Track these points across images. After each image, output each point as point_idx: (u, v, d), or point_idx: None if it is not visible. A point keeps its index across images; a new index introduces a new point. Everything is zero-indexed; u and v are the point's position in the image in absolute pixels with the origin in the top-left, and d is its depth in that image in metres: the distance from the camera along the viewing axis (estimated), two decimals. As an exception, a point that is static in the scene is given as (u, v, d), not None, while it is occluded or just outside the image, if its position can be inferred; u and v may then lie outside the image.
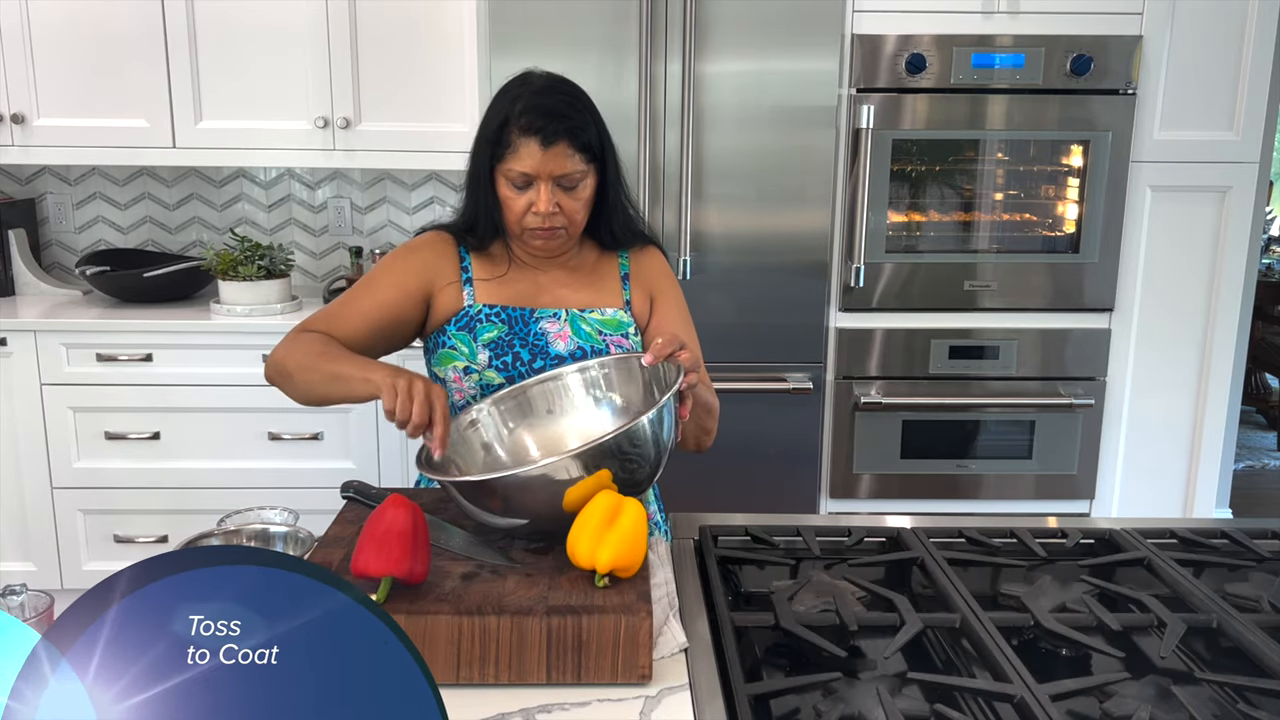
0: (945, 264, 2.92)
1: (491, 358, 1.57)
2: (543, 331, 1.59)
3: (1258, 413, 5.48)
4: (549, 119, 1.49)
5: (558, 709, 1.07)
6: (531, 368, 1.57)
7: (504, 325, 1.59)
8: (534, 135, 1.49)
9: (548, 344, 1.58)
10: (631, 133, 2.76)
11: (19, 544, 3.02)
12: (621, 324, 1.63)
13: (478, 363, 1.57)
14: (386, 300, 1.60)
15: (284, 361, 1.52)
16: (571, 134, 1.50)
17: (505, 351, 1.57)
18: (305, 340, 1.53)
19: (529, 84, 1.54)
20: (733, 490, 2.91)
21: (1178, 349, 3.02)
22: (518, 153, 1.50)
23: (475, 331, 1.58)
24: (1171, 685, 1.10)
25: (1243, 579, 1.39)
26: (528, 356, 1.57)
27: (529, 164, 1.49)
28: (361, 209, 3.47)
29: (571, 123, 1.50)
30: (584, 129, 1.52)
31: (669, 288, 1.71)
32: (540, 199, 1.51)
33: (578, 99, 1.55)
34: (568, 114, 1.50)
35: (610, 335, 1.60)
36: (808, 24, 2.75)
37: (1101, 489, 3.08)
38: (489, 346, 1.57)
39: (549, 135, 1.48)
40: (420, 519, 1.17)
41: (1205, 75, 2.85)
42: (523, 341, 1.58)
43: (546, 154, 1.49)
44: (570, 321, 1.60)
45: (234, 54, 3.01)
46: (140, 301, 3.15)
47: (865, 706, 1.03)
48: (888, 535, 1.49)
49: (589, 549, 1.17)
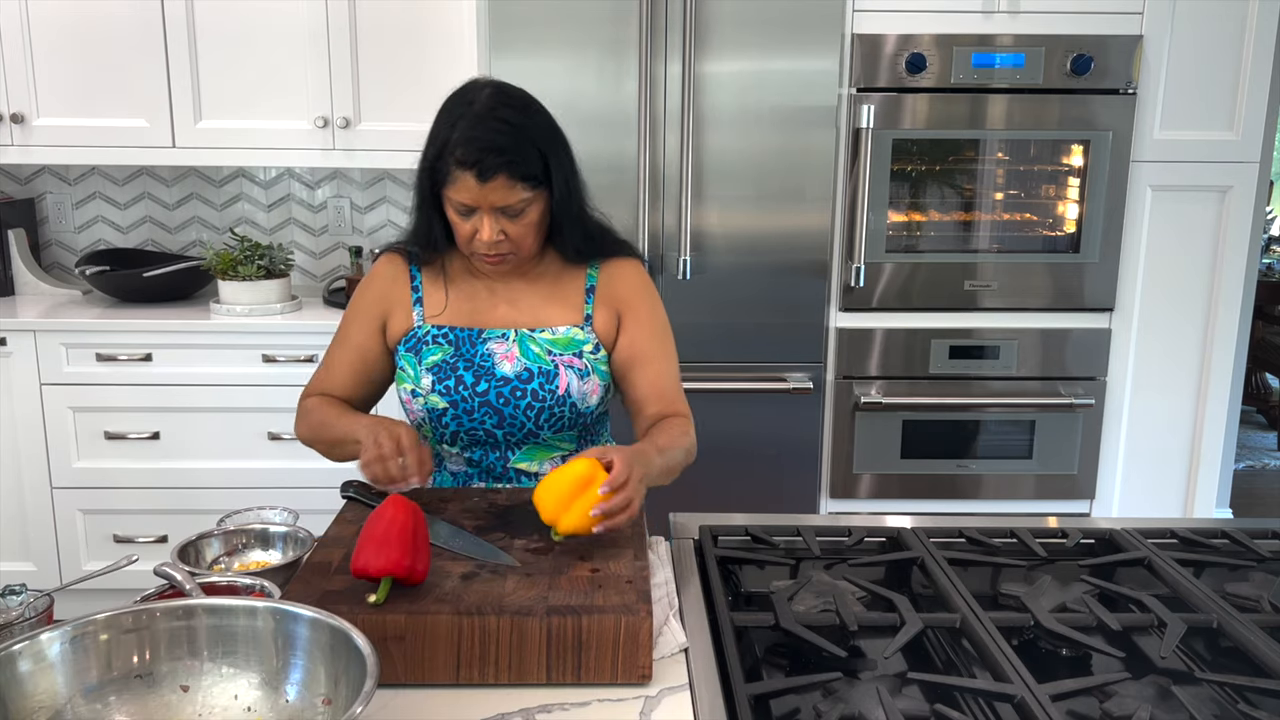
0: (945, 264, 2.92)
1: (434, 381, 1.55)
2: (489, 353, 1.56)
3: (1258, 413, 5.47)
4: (485, 153, 1.42)
5: (558, 709, 1.07)
6: (475, 390, 1.54)
7: (450, 347, 1.57)
8: (469, 169, 1.43)
9: (494, 365, 1.55)
10: (631, 133, 2.76)
11: (19, 544, 3.02)
12: (575, 342, 1.58)
13: (422, 386, 1.56)
14: (358, 343, 1.63)
15: (302, 439, 1.62)
16: (509, 168, 1.43)
17: (448, 375, 1.55)
18: (305, 413, 1.61)
19: (470, 104, 1.47)
20: (733, 490, 2.91)
21: (1178, 349, 3.02)
22: (456, 184, 1.45)
23: (421, 354, 1.57)
24: (1171, 685, 1.10)
25: (1243, 579, 1.39)
26: (470, 380, 1.55)
27: (467, 196, 1.45)
28: (361, 209, 3.47)
29: (508, 156, 1.43)
30: (523, 160, 1.44)
31: (640, 302, 1.63)
32: (483, 228, 1.47)
33: (519, 125, 1.46)
34: (505, 145, 1.43)
35: (560, 355, 1.57)
36: (808, 24, 2.75)
37: (1101, 489, 3.08)
38: (432, 370, 1.55)
39: (484, 170, 1.42)
40: (420, 519, 1.17)
41: (1205, 75, 2.85)
42: (467, 364, 1.55)
43: (484, 188, 1.44)
44: (519, 342, 1.57)
45: (234, 54, 3.01)
46: (140, 301, 3.14)
47: (865, 706, 1.03)
48: (888, 535, 1.49)
49: (555, 508, 1.26)
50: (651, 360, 1.61)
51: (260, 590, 1.19)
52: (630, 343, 1.61)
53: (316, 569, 1.21)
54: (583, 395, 1.56)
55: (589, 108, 2.75)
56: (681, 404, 1.62)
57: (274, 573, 1.27)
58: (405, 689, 1.10)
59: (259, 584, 1.19)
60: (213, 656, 1.00)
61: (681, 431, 1.55)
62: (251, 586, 1.20)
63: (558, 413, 1.56)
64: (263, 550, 1.39)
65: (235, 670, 0.99)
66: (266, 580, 1.20)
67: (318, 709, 0.96)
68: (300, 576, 1.19)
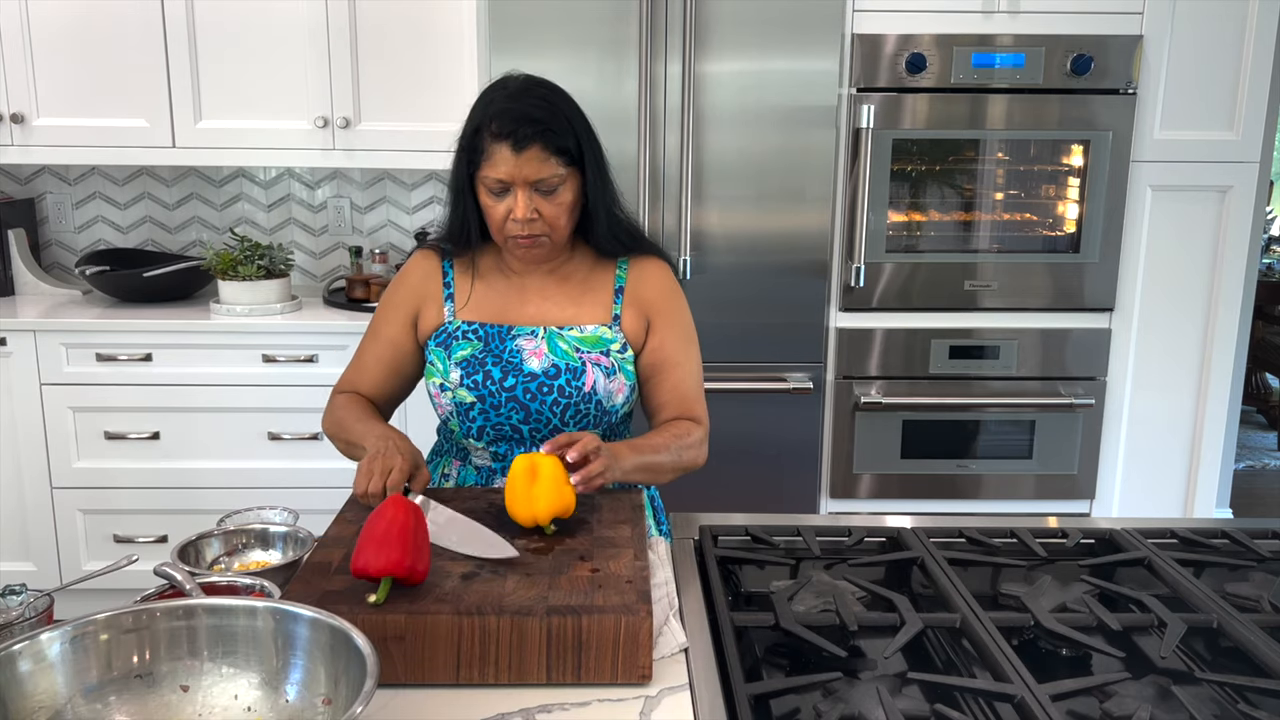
0: (945, 264, 2.92)
1: (463, 376, 1.57)
2: (518, 349, 1.58)
3: (1258, 413, 5.47)
4: (520, 123, 1.46)
5: (558, 709, 1.07)
6: (503, 386, 1.55)
7: (479, 342, 1.58)
8: (505, 140, 1.46)
9: (522, 361, 1.57)
10: (631, 133, 2.76)
11: (19, 544, 3.02)
12: (603, 340, 1.60)
13: (450, 380, 1.57)
14: (390, 338, 1.65)
15: (325, 432, 1.65)
16: (544, 137, 1.47)
17: (477, 370, 1.56)
18: (332, 409, 1.64)
19: (505, 88, 1.52)
20: (733, 490, 2.91)
21: (1178, 349, 3.02)
22: (492, 159, 1.47)
23: (450, 348, 1.59)
24: (1171, 685, 1.10)
25: (1243, 579, 1.39)
26: (499, 375, 1.56)
27: (503, 170, 1.47)
28: (361, 209, 3.47)
29: (544, 126, 1.47)
30: (559, 132, 1.48)
31: (669, 307, 1.65)
32: (518, 205, 1.49)
33: (554, 102, 1.51)
34: (540, 118, 1.47)
35: (588, 352, 1.58)
36: (808, 24, 2.75)
37: (1102, 489, 3.08)
38: (461, 365, 1.57)
39: (520, 139, 1.46)
40: (420, 519, 1.17)
41: (1205, 75, 2.85)
42: (495, 359, 1.57)
43: (520, 159, 1.46)
44: (548, 338, 1.59)
45: (234, 53, 3.01)
46: (140, 301, 3.14)
47: (865, 706, 1.03)
48: (888, 535, 1.49)
49: (526, 508, 1.31)
50: (676, 365, 1.63)
51: (260, 590, 1.19)
52: (658, 346, 1.63)
53: (316, 569, 1.21)
54: (608, 393, 1.57)
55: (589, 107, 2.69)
56: (699, 408, 1.63)
57: (274, 573, 1.27)
58: (405, 689, 1.09)
59: (259, 584, 1.19)
60: (213, 656, 1.00)
61: (679, 434, 1.56)
62: (251, 586, 1.20)
63: (583, 409, 1.57)
64: (263, 550, 1.39)
65: (235, 670, 0.99)
66: (266, 580, 1.20)
67: (318, 709, 0.96)
68: (300, 576, 1.19)
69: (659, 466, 1.51)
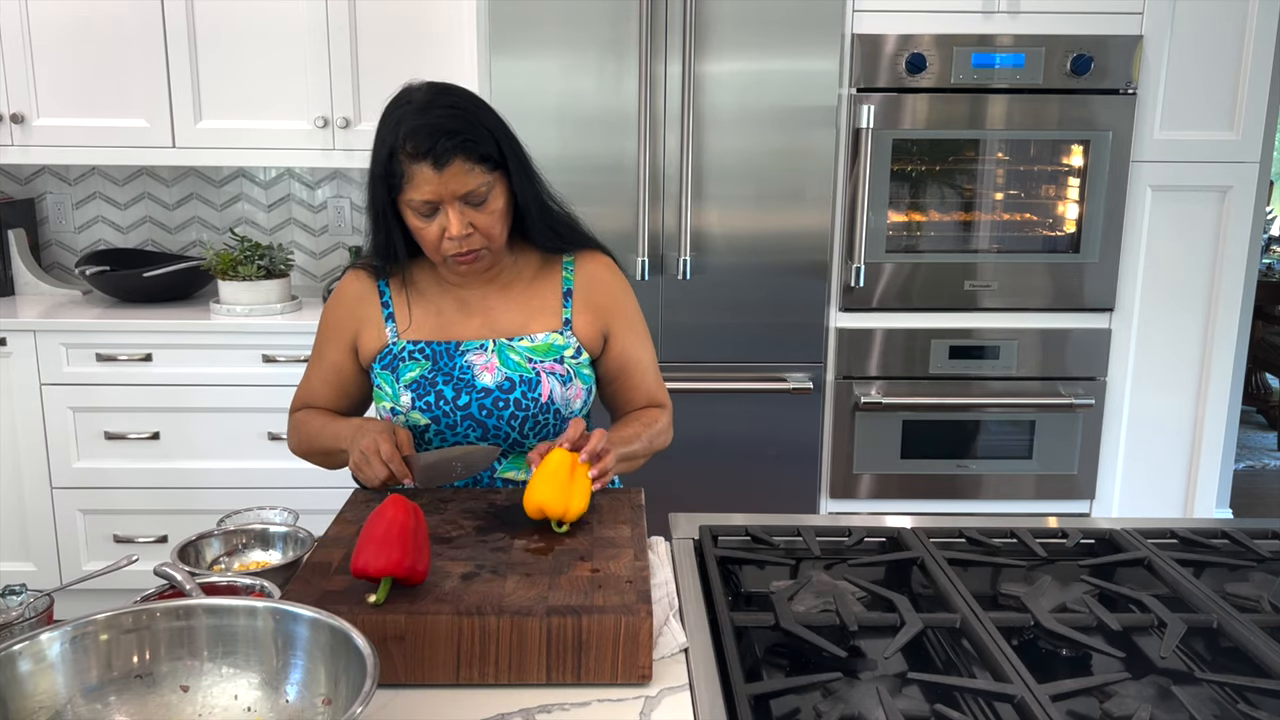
0: (945, 264, 2.92)
1: (414, 398, 1.53)
2: (469, 364, 1.54)
3: (1258, 413, 5.47)
4: (436, 138, 1.39)
5: (558, 709, 1.07)
6: (456, 404, 1.52)
7: (427, 361, 1.54)
8: (424, 159, 1.40)
9: (474, 377, 1.53)
10: (631, 133, 2.76)
11: (19, 544, 3.02)
12: (555, 347, 1.57)
13: (401, 404, 1.53)
14: (333, 360, 1.63)
15: (296, 453, 1.65)
16: (464, 149, 1.41)
17: (428, 390, 1.53)
18: (294, 428, 1.63)
19: (409, 102, 1.45)
20: (733, 490, 2.91)
21: (1178, 349, 3.02)
22: (413, 180, 1.41)
23: (398, 370, 1.54)
24: (1171, 685, 1.10)
25: (1243, 579, 1.39)
26: (451, 394, 1.53)
27: (428, 190, 1.41)
28: (361, 209, 3.47)
29: (462, 137, 1.40)
30: (478, 140, 1.42)
31: (623, 309, 1.63)
32: (451, 223, 1.43)
33: (464, 108, 1.45)
34: (456, 128, 1.41)
35: (541, 361, 1.55)
36: (808, 24, 2.75)
37: (1102, 489, 3.08)
38: (411, 387, 1.53)
39: (440, 156, 1.39)
40: (420, 519, 1.17)
41: (1205, 75, 2.85)
42: (446, 378, 1.53)
43: (443, 175, 1.40)
44: (498, 351, 1.55)
45: (234, 54, 3.01)
46: (140, 301, 3.14)
47: (865, 707, 1.03)
48: (888, 535, 1.49)
49: (561, 501, 1.31)
50: (638, 363, 1.65)
51: (260, 590, 1.19)
52: (620, 352, 1.63)
53: (316, 569, 1.21)
54: (566, 400, 1.56)
55: (589, 108, 2.75)
56: (661, 394, 1.67)
57: (274, 573, 1.27)
58: (405, 689, 1.10)
59: (259, 584, 1.19)
60: (213, 657, 1.00)
61: (648, 422, 1.59)
62: (251, 586, 1.20)
63: (542, 420, 1.55)
64: (263, 550, 1.39)
65: (235, 670, 0.99)
66: (266, 580, 1.20)
67: (318, 709, 0.96)
68: (300, 576, 1.19)
69: (635, 455, 1.55)
